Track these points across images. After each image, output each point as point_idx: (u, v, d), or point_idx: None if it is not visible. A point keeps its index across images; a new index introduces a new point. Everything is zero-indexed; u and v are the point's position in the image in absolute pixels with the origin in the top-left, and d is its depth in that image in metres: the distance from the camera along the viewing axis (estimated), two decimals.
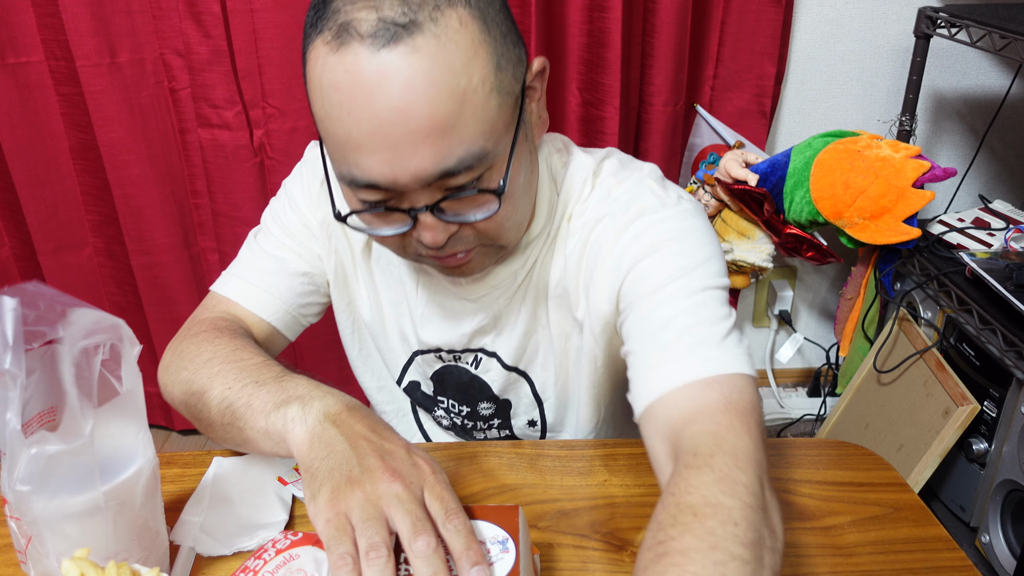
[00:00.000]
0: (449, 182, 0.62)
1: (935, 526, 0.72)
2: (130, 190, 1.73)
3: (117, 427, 0.59)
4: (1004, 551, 1.45)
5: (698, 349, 0.64)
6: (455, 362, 0.87)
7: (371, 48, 0.57)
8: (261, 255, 0.85)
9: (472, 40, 0.59)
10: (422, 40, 0.57)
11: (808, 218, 1.59)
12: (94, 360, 0.59)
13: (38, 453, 0.55)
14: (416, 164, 0.60)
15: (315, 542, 0.60)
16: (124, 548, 0.60)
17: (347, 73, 0.58)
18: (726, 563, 0.49)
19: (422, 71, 0.57)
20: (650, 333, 0.67)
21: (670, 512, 0.53)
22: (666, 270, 0.69)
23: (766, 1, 1.71)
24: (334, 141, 0.62)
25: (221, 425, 0.69)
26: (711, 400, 0.61)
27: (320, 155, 0.76)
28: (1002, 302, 1.43)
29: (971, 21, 1.53)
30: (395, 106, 0.58)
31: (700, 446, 0.57)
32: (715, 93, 1.84)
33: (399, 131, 0.58)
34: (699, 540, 0.50)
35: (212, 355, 0.73)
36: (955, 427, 1.49)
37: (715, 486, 0.54)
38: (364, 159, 0.60)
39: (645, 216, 0.72)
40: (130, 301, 1.89)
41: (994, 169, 2.02)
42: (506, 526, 0.60)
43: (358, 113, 0.59)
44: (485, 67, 0.60)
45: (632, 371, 0.68)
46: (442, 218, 0.64)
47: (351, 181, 0.63)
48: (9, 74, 1.63)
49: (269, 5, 1.57)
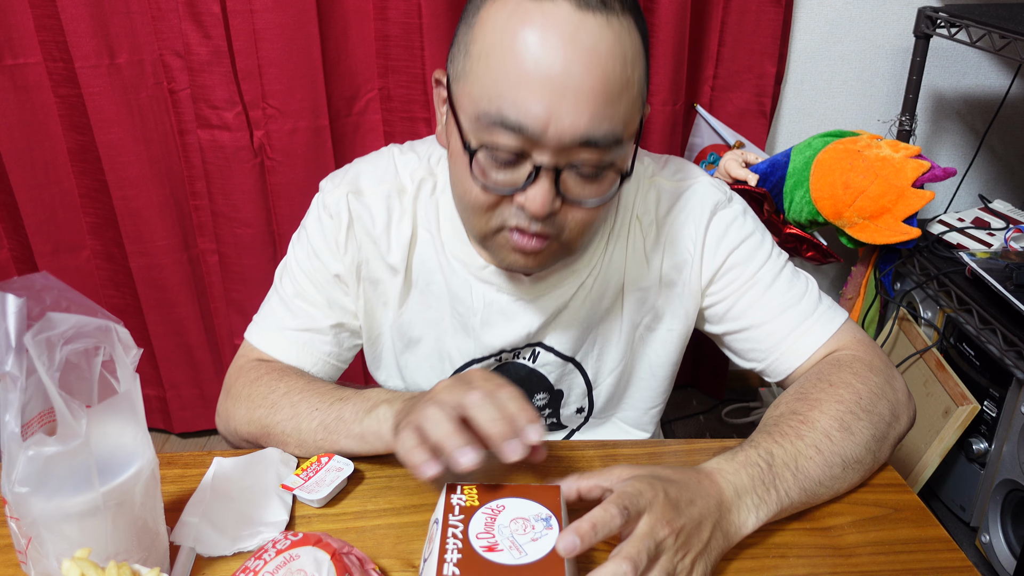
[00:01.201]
0: (583, 154, 0.66)
1: (935, 526, 0.72)
2: (129, 191, 1.73)
3: (114, 427, 0.59)
4: (1004, 551, 1.45)
5: (815, 321, 0.83)
6: (514, 359, 0.90)
7: (575, 5, 0.63)
8: (293, 308, 0.88)
9: (637, 47, 0.67)
10: (615, 20, 0.64)
11: (808, 218, 1.59)
12: (94, 361, 0.60)
13: (35, 455, 0.55)
14: (572, 120, 0.64)
15: (315, 542, 0.60)
16: (124, 548, 0.60)
17: (544, 17, 0.63)
18: (843, 412, 0.73)
19: (609, 44, 0.64)
20: (771, 315, 0.84)
21: (812, 380, 0.78)
22: (755, 260, 0.84)
23: (766, 1, 1.71)
24: (501, 75, 0.65)
25: (313, 443, 0.77)
26: (844, 343, 0.83)
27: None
28: (1002, 302, 1.43)
29: (971, 21, 1.53)
30: (580, 60, 0.63)
31: (841, 358, 0.81)
32: (715, 93, 1.84)
33: (572, 84, 0.63)
34: (829, 395, 0.75)
35: (288, 389, 0.81)
36: (955, 427, 1.49)
37: (849, 375, 0.77)
38: (527, 98, 0.64)
39: (720, 212, 0.84)
40: (129, 303, 1.89)
41: (994, 169, 2.02)
42: (549, 504, 0.63)
43: (543, 55, 0.63)
44: (642, 73, 0.68)
45: (757, 342, 0.85)
46: (558, 190, 0.68)
47: (499, 119, 0.65)
48: (7, 76, 1.63)
49: (269, 5, 1.56)
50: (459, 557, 0.57)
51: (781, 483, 0.68)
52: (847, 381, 0.76)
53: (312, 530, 0.65)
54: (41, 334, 0.54)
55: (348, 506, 0.74)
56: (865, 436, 0.73)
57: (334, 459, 0.76)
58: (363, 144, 1.78)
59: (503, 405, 0.61)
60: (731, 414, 2.13)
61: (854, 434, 0.73)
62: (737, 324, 0.86)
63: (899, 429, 0.78)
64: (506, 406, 0.61)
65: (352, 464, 0.75)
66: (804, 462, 0.70)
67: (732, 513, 0.65)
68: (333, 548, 0.60)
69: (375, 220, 0.84)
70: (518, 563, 0.57)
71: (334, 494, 0.74)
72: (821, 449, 0.71)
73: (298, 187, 1.73)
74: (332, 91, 1.67)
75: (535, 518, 0.61)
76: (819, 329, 0.83)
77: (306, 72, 1.63)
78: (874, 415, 0.75)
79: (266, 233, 1.79)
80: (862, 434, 0.73)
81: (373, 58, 1.68)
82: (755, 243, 0.85)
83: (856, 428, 0.73)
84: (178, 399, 2.00)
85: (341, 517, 0.73)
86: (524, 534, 0.60)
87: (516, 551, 0.58)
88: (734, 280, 0.85)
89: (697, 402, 2.18)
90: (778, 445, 0.70)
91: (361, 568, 0.62)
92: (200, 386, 2.00)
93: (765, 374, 0.87)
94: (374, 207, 0.84)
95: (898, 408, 0.78)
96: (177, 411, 2.01)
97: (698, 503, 0.63)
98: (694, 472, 0.66)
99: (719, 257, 0.84)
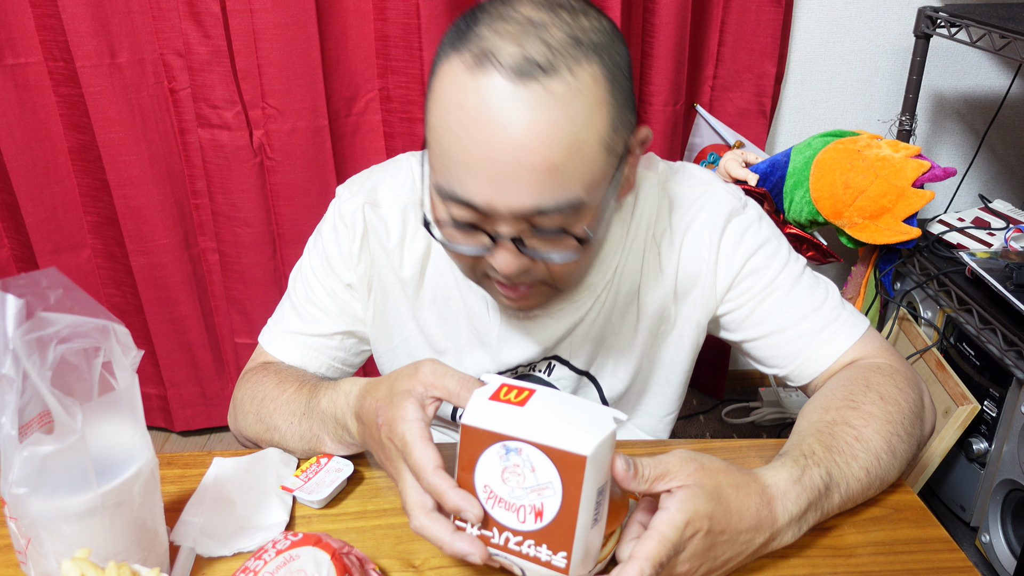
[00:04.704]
0: (540, 220, 0.65)
1: (935, 526, 0.72)
2: (130, 191, 1.73)
3: (112, 426, 0.59)
4: (1004, 551, 1.45)
5: (840, 326, 0.83)
6: (530, 371, 0.89)
7: (508, 79, 0.60)
8: (303, 313, 0.88)
9: (598, 98, 0.63)
10: (556, 86, 0.61)
11: (808, 218, 1.59)
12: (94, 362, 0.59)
13: (31, 454, 0.55)
14: (517, 197, 0.63)
15: (315, 542, 0.60)
16: (123, 548, 0.60)
17: (478, 96, 0.61)
18: (892, 433, 0.73)
19: (549, 113, 0.60)
20: (793, 320, 0.83)
21: (860, 387, 0.76)
22: (773, 266, 0.83)
23: (766, 1, 1.71)
24: (445, 155, 0.64)
25: (301, 451, 0.78)
26: (871, 350, 0.83)
27: (421, 165, 0.79)
28: (1002, 302, 1.43)
29: (971, 21, 1.53)
30: (515, 138, 0.61)
31: (880, 366, 0.80)
32: (715, 93, 1.84)
33: (511, 162, 0.61)
34: (881, 411, 0.74)
35: (265, 396, 0.81)
36: (955, 427, 1.49)
37: (895, 389, 0.77)
38: (470, 179, 0.63)
39: (734, 219, 0.83)
40: (130, 302, 1.89)
41: (994, 169, 2.02)
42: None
43: (479, 136, 0.61)
44: (603, 125, 0.64)
45: (779, 348, 0.84)
46: (522, 251, 0.67)
47: (449, 195, 0.66)
48: (8, 75, 1.63)
49: (269, 5, 1.56)
50: None
51: (827, 504, 0.68)
52: (894, 397, 0.76)
53: (312, 530, 0.65)
54: (31, 333, 0.54)
55: (348, 506, 0.74)
56: (904, 458, 0.74)
57: (333, 460, 0.76)
58: (362, 144, 1.78)
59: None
60: (731, 414, 2.13)
61: (896, 457, 0.73)
62: (757, 331, 0.85)
63: (924, 445, 0.79)
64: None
65: (352, 465, 0.75)
66: (853, 484, 0.69)
67: (773, 542, 0.65)
68: (333, 548, 0.60)
69: (390, 233, 0.84)
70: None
71: (334, 495, 0.74)
72: (869, 471, 0.70)
73: (298, 187, 1.74)
74: (331, 91, 1.67)
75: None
76: (843, 335, 0.82)
77: (305, 72, 1.63)
78: (914, 436, 0.75)
79: (266, 232, 1.79)
80: (903, 456, 0.74)
81: (372, 58, 1.69)
82: (772, 249, 0.84)
83: (899, 451, 0.73)
84: (179, 397, 2.00)
85: (341, 517, 0.73)
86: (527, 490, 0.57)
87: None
88: (752, 287, 0.83)
89: (697, 402, 2.18)
90: (836, 466, 0.69)
91: (361, 568, 0.62)
92: (201, 384, 2.00)
93: (788, 379, 0.86)
94: (390, 220, 0.84)
95: (926, 425, 0.79)
96: (178, 409, 2.02)
97: (740, 540, 0.62)
98: (757, 495, 0.63)
99: (736, 264, 0.83)
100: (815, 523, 0.68)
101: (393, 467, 0.63)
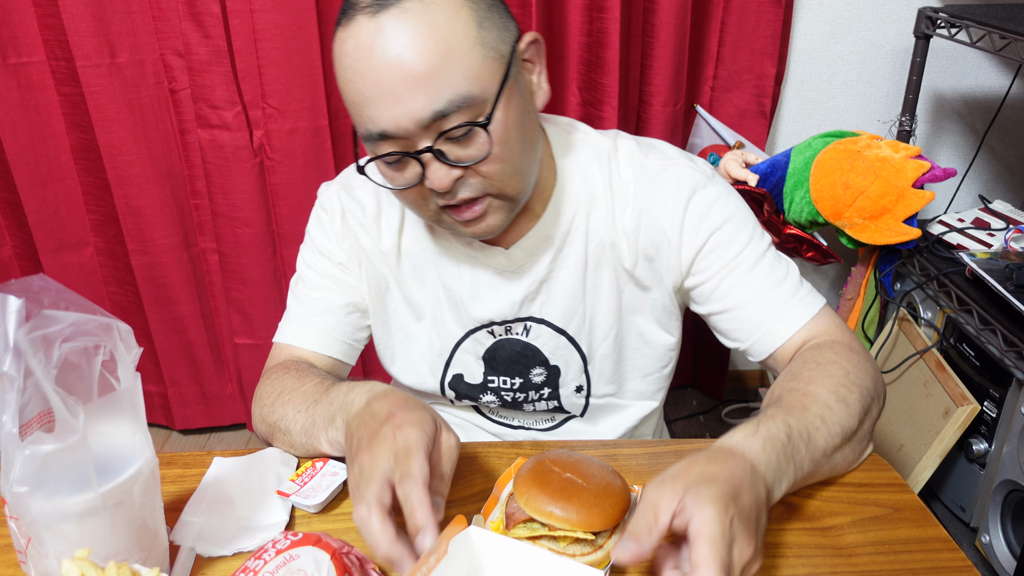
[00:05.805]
0: (444, 124, 0.71)
1: (935, 526, 0.72)
2: (130, 190, 1.73)
3: (112, 425, 0.59)
4: (1004, 551, 1.45)
5: (796, 304, 0.85)
6: (506, 334, 0.93)
7: (369, 16, 0.69)
8: (306, 300, 0.94)
9: (454, 4, 0.70)
10: (409, 4, 0.69)
11: (808, 218, 1.59)
12: (94, 361, 0.59)
13: (32, 453, 0.55)
14: (412, 107, 0.70)
15: (315, 542, 0.60)
16: (123, 548, 0.60)
17: (354, 41, 0.70)
18: (837, 385, 0.76)
19: (410, 26, 0.69)
20: (754, 296, 0.86)
21: (798, 365, 0.80)
22: (738, 241, 0.86)
23: (766, 1, 1.71)
24: (351, 104, 0.73)
25: (301, 445, 0.80)
26: (822, 328, 0.85)
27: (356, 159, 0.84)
28: (1002, 302, 1.43)
29: (971, 21, 1.53)
30: (389, 57, 0.69)
31: (822, 343, 0.83)
32: (715, 93, 1.84)
33: (394, 79, 0.69)
34: (820, 372, 0.77)
35: (283, 389, 0.85)
36: (955, 427, 1.49)
37: (832, 354, 0.80)
38: (371, 110, 0.71)
39: (699, 192, 0.85)
40: (131, 301, 1.89)
41: (994, 169, 2.02)
42: None
43: (362, 70, 0.70)
44: (467, 24, 0.71)
45: (740, 322, 0.87)
46: (444, 161, 0.73)
47: (368, 137, 0.73)
48: (11, 74, 1.63)
49: (269, 5, 1.57)
50: None
51: (797, 455, 0.69)
52: (833, 360, 0.79)
53: (312, 530, 0.65)
54: (36, 331, 0.54)
55: (347, 506, 0.74)
56: (857, 407, 0.76)
57: (328, 464, 0.76)
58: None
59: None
60: (731, 414, 2.13)
61: (849, 405, 0.75)
62: (721, 304, 0.88)
63: (879, 404, 0.81)
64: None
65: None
66: (813, 432, 0.71)
67: (772, 494, 0.66)
68: (333, 548, 0.60)
69: (365, 210, 0.91)
70: None
71: (330, 499, 0.74)
72: (825, 419, 0.73)
73: (297, 187, 1.74)
74: (331, 91, 1.67)
75: None
76: (799, 312, 0.85)
77: (305, 72, 1.63)
78: (862, 387, 0.78)
79: (266, 233, 1.79)
80: (855, 405, 0.76)
81: None
82: (737, 224, 0.86)
83: (850, 399, 0.75)
84: (179, 396, 2.00)
85: (341, 517, 0.73)
86: None
87: None
88: (717, 260, 0.86)
89: (697, 402, 2.18)
90: (792, 417, 0.71)
91: (361, 568, 0.62)
92: (201, 383, 2.00)
93: (748, 354, 0.89)
94: (364, 199, 0.91)
95: (877, 384, 0.81)
96: (178, 408, 2.02)
97: (752, 495, 0.62)
98: (726, 456, 0.64)
99: (700, 237, 0.86)
100: (797, 479, 0.69)
101: (371, 455, 0.63)
